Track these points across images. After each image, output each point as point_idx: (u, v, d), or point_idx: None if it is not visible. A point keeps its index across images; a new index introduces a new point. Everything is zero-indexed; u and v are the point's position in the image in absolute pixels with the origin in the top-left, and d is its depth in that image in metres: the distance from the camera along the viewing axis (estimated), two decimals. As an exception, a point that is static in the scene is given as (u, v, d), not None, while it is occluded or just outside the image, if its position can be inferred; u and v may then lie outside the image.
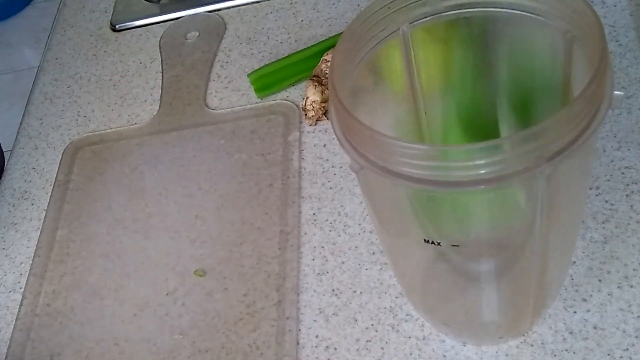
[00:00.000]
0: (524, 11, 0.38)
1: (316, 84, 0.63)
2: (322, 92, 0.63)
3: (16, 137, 0.74)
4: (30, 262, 0.62)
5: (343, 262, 0.54)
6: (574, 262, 0.49)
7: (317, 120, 0.63)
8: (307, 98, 0.63)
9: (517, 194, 0.35)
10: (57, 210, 0.65)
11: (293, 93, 0.67)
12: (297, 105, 0.66)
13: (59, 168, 0.68)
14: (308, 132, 0.64)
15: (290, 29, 0.74)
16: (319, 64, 0.65)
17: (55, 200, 0.65)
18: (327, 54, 0.66)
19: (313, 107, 0.62)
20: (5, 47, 2.13)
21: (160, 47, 0.77)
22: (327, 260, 0.55)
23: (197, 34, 0.76)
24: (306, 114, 0.63)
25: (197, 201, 0.61)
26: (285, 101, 0.67)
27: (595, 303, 0.47)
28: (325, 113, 0.63)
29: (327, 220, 0.57)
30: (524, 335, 0.47)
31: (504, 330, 0.46)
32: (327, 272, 0.54)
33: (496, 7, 0.39)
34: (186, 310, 0.55)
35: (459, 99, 0.45)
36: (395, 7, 0.39)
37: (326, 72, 0.64)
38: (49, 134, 0.72)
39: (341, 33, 0.39)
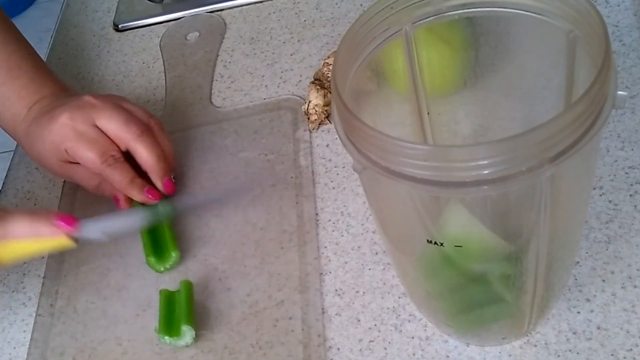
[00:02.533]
0: (527, 11, 0.38)
1: (318, 87, 0.63)
2: (325, 96, 0.62)
3: (19, 137, 0.74)
4: (34, 262, 0.62)
5: (346, 262, 0.54)
6: (578, 263, 0.49)
7: (319, 124, 0.63)
8: (309, 102, 0.63)
9: (520, 194, 0.35)
10: (68, 212, 0.65)
11: (300, 86, 0.67)
12: (304, 99, 0.66)
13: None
14: (311, 132, 0.64)
15: (293, 29, 0.73)
16: (321, 67, 0.65)
17: (64, 204, 0.65)
18: (329, 57, 0.66)
19: (316, 110, 0.62)
20: (9, 47, 2.13)
21: (161, 48, 0.77)
22: (330, 260, 0.55)
23: (198, 34, 0.76)
24: (309, 118, 0.63)
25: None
26: (293, 96, 0.67)
27: (598, 303, 0.47)
28: (327, 117, 0.63)
29: (330, 220, 0.57)
30: (527, 335, 0.47)
31: (507, 331, 0.46)
32: (330, 272, 0.54)
33: (499, 7, 0.39)
34: (189, 310, 0.55)
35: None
36: (397, 7, 0.39)
37: (328, 75, 0.64)
38: (52, 134, 0.72)
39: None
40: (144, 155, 0.58)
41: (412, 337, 0.49)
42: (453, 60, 0.46)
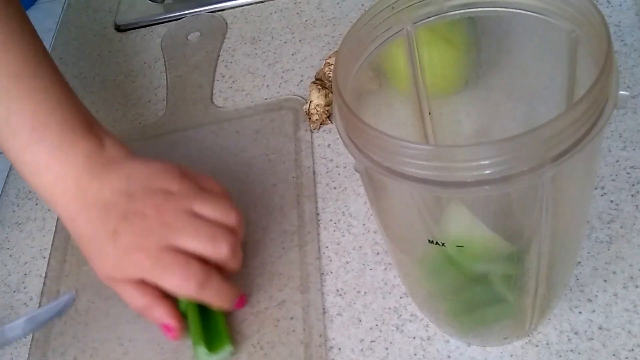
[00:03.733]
0: (529, 11, 0.38)
1: (319, 87, 0.63)
2: (326, 96, 0.62)
3: (20, 137, 0.74)
4: (35, 262, 0.62)
5: (347, 262, 0.54)
6: (579, 263, 0.49)
7: (320, 124, 0.63)
8: (310, 102, 0.63)
9: (522, 194, 0.35)
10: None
11: (301, 86, 0.67)
12: (305, 99, 0.66)
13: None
14: (312, 132, 0.64)
15: (295, 29, 0.73)
16: (322, 67, 0.65)
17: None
18: (330, 57, 0.66)
19: (317, 110, 0.62)
20: (10, 47, 2.13)
21: (162, 48, 0.77)
22: (331, 261, 0.55)
23: (199, 34, 0.76)
24: (310, 118, 0.63)
25: (201, 201, 0.61)
26: (294, 96, 0.67)
27: (600, 303, 0.47)
28: (329, 117, 0.63)
29: (331, 220, 0.57)
30: (528, 335, 0.47)
31: (508, 331, 0.46)
32: (331, 272, 0.54)
33: (500, 7, 0.39)
34: (190, 310, 0.55)
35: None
36: (399, 7, 0.39)
37: (329, 75, 0.64)
38: (53, 134, 0.72)
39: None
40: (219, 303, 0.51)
41: (414, 338, 0.49)
42: (454, 60, 0.46)
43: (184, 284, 0.48)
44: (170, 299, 0.51)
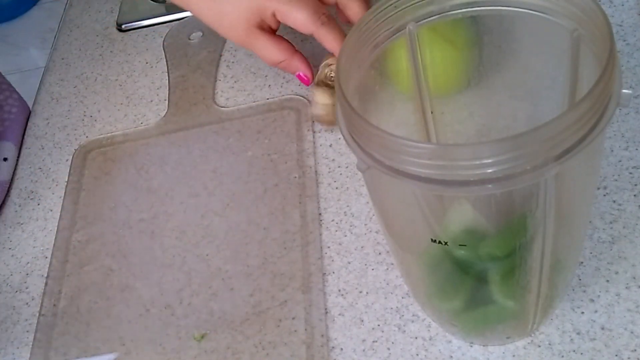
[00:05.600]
0: (531, 9, 0.38)
1: (324, 88, 0.63)
2: (332, 95, 0.62)
3: (22, 137, 0.74)
4: (37, 262, 0.62)
5: (349, 263, 0.54)
6: (582, 263, 0.49)
7: (331, 124, 0.62)
8: (317, 104, 0.62)
9: (525, 193, 0.35)
10: (71, 212, 0.65)
11: (303, 87, 0.67)
12: (308, 99, 0.65)
13: (70, 172, 0.68)
14: (314, 132, 0.64)
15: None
16: (321, 70, 0.65)
17: (68, 204, 0.65)
18: (330, 57, 0.66)
19: (326, 110, 0.62)
20: (12, 47, 2.14)
21: (164, 48, 0.77)
22: (333, 261, 0.55)
23: (201, 34, 0.76)
24: (319, 119, 0.62)
25: (203, 201, 0.61)
26: (296, 96, 0.67)
27: (602, 304, 0.47)
28: None
29: (333, 220, 0.57)
30: (531, 335, 0.47)
31: (511, 331, 0.46)
32: (333, 273, 0.54)
33: (503, 6, 0.39)
34: (192, 310, 0.55)
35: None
36: (401, 6, 0.39)
37: (331, 76, 0.64)
38: (55, 134, 0.73)
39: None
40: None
41: (416, 338, 0.49)
42: (457, 60, 0.45)
43: (308, 19, 0.57)
44: (300, 54, 0.62)
